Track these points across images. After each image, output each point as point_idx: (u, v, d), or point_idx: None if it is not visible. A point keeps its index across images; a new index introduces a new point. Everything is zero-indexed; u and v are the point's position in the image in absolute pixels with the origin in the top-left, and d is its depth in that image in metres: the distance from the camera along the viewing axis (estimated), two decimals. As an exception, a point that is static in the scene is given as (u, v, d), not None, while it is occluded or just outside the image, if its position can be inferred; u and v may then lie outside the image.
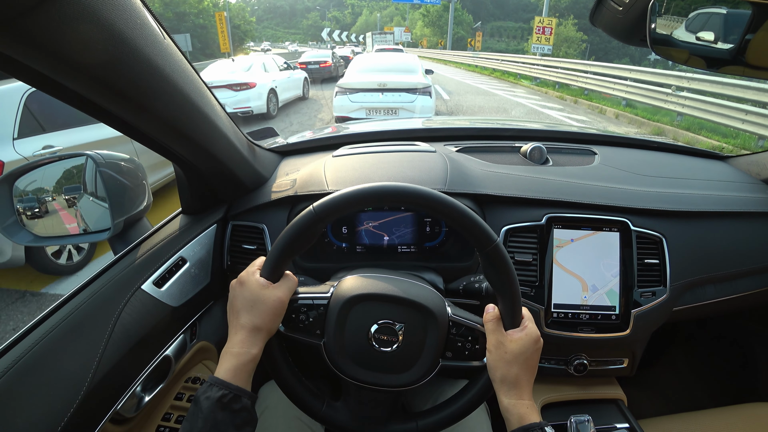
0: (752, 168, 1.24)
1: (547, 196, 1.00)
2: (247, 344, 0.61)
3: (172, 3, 31.67)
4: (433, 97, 6.45)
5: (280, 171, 1.15)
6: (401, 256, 1.03)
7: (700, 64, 0.79)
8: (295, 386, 0.69)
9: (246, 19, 46.46)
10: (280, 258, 0.64)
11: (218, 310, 1.06)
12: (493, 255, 0.63)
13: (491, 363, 0.65)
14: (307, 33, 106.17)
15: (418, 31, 55.77)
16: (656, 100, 9.22)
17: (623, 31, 0.81)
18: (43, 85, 0.54)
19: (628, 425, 1.01)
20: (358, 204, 0.63)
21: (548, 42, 18.54)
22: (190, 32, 27.73)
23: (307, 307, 0.67)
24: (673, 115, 8.73)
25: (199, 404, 0.56)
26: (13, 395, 0.60)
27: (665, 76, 9.27)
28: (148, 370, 0.79)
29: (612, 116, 10.12)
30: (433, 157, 1.08)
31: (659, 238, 0.99)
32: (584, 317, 0.98)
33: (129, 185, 0.94)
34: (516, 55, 22.80)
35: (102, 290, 0.76)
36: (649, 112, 9.56)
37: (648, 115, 9.31)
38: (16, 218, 0.91)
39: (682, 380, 1.57)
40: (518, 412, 0.62)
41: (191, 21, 32.89)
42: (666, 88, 8.99)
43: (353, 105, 6.39)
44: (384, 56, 8.26)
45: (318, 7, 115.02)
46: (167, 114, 0.67)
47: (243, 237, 1.03)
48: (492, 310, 0.68)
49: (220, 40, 25.35)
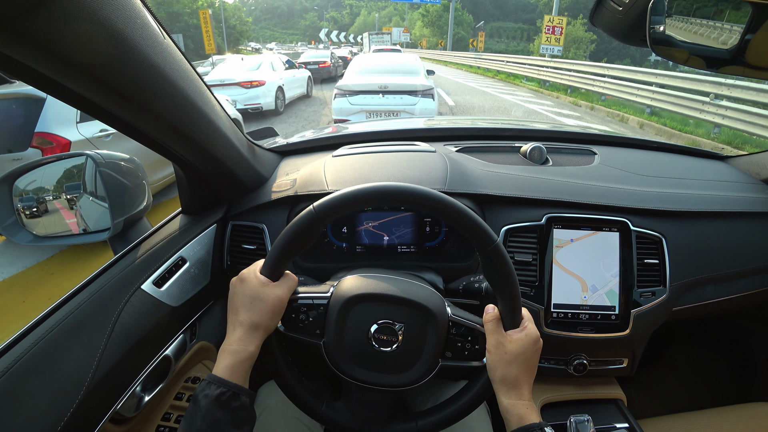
0: (752, 168, 1.24)
1: (546, 196, 1.00)
2: (245, 341, 0.61)
3: (165, 2, 31.21)
4: (435, 100, 6.18)
5: (280, 171, 1.15)
6: (401, 256, 1.03)
7: (700, 64, 0.79)
8: (295, 387, 0.69)
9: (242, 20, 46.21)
10: (280, 257, 0.64)
11: (218, 310, 1.06)
12: (493, 255, 0.63)
13: (491, 363, 0.65)
14: (305, 33, 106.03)
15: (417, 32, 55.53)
16: (688, 109, 8.20)
17: (623, 31, 0.81)
18: (43, 85, 0.54)
19: (627, 425, 1.00)
20: (358, 204, 0.63)
21: (558, 43, 17.22)
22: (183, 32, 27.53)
23: (306, 307, 0.67)
24: (709, 127, 7.78)
25: (198, 402, 0.56)
26: (13, 395, 0.60)
27: (699, 83, 8.12)
28: (147, 370, 0.79)
29: (635, 125, 9.21)
30: (433, 157, 1.08)
31: (659, 238, 0.99)
32: (584, 317, 0.98)
33: (129, 185, 0.94)
34: (523, 57, 21.60)
35: (102, 290, 0.76)
36: (678, 121, 8.59)
37: (678, 126, 8.39)
38: (16, 218, 0.91)
39: (681, 380, 1.57)
40: (518, 412, 0.62)
41: (184, 21, 32.62)
42: (698, 95, 7.94)
43: (353, 108, 6.15)
44: (384, 57, 7.95)
45: (316, 8, 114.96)
46: (167, 114, 0.67)
47: (243, 237, 1.03)
48: (492, 310, 0.68)
49: (204, 40, 23.59)
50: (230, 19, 41.54)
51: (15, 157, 3.33)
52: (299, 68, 11.86)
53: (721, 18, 0.75)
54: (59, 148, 3.35)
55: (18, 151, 3.34)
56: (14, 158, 3.33)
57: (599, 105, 11.14)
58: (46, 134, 3.36)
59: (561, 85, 14.08)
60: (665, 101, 8.94)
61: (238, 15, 45.26)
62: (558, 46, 17.26)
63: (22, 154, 3.33)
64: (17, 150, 3.35)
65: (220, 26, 37.49)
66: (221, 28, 37.56)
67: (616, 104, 10.88)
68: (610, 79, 11.31)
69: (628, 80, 10.59)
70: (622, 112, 10.04)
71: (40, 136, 3.35)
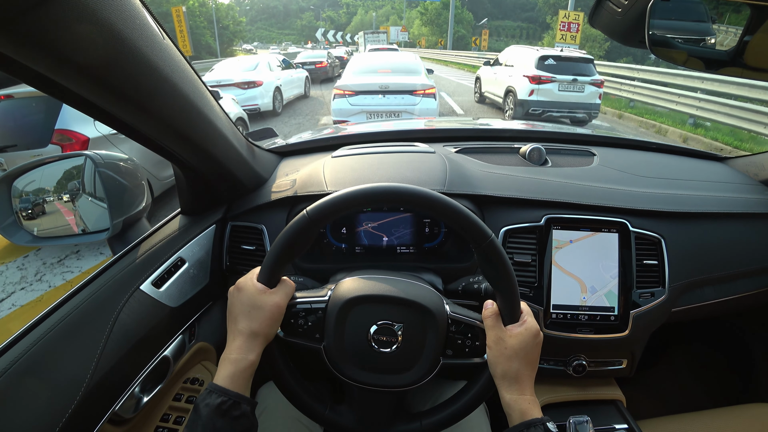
0: (750, 169, 1.25)
1: (546, 197, 1.00)
2: (245, 350, 0.61)
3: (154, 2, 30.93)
4: (437, 100, 6.09)
5: (279, 171, 1.15)
6: (400, 256, 1.03)
7: (699, 66, 0.79)
8: (297, 391, 0.69)
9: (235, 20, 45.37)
10: (276, 263, 0.64)
11: (217, 311, 1.06)
12: (488, 251, 0.63)
13: (491, 359, 0.65)
14: (301, 33, 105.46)
15: (416, 31, 54.99)
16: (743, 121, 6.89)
17: (622, 32, 0.81)
18: (43, 85, 0.53)
19: (627, 426, 1.01)
20: (351, 206, 0.63)
21: (574, 41, 15.35)
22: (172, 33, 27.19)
23: (305, 312, 0.67)
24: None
25: (199, 411, 0.56)
26: (11, 396, 0.60)
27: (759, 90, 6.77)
28: (146, 371, 0.79)
29: (677, 139, 7.86)
30: (433, 157, 1.08)
31: (658, 239, 0.99)
32: (583, 318, 0.98)
33: (128, 185, 0.94)
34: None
35: (101, 290, 0.76)
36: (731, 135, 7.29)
37: (734, 141, 7.09)
38: (14, 218, 0.91)
39: (681, 381, 1.57)
40: (520, 407, 0.62)
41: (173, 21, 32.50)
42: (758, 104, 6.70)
43: (353, 108, 6.00)
44: (384, 56, 7.81)
45: (312, 7, 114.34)
46: (166, 114, 0.67)
47: (242, 237, 1.03)
48: (491, 306, 0.68)
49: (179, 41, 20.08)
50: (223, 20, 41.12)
51: (35, 153, 3.40)
52: (297, 68, 11.84)
53: (722, 21, 0.76)
54: (78, 145, 3.48)
55: (38, 148, 3.43)
56: (34, 154, 3.36)
57: (628, 113, 9.82)
58: (65, 131, 3.47)
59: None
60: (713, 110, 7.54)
61: (231, 15, 44.71)
62: (574, 44, 15.21)
63: (42, 150, 3.42)
64: (38, 146, 3.44)
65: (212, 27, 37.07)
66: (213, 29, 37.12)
67: (649, 112, 9.52)
68: (640, 83, 10.07)
69: (663, 84, 9.23)
70: (657, 121, 8.68)
71: (59, 133, 3.46)
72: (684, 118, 8.45)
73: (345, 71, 6.92)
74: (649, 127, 8.76)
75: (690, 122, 8.38)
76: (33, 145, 3.47)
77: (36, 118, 3.55)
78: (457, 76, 21.02)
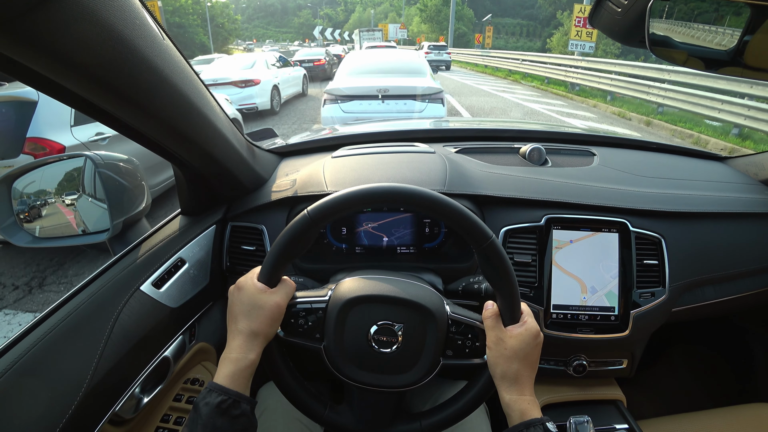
0: (750, 169, 1.25)
1: (546, 197, 1.00)
2: (245, 349, 0.61)
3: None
4: (445, 106, 5.03)
5: (279, 172, 1.15)
6: (401, 257, 1.03)
7: (699, 66, 0.79)
8: (297, 392, 0.69)
9: (230, 18, 44.85)
10: (276, 263, 0.64)
11: (217, 311, 1.06)
12: (489, 251, 0.63)
13: (491, 359, 0.65)
14: (298, 31, 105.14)
15: (415, 28, 54.48)
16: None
17: (622, 32, 0.81)
18: (42, 85, 0.53)
19: (627, 426, 1.01)
20: (352, 206, 0.63)
21: (590, 38, 14.03)
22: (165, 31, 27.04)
23: (305, 312, 0.67)
24: None
25: (199, 410, 0.56)
26: (12, 396, 0.60)
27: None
28: (146, 371, 0.79)
29: (720, 150, 6.50)
30: (433, 158, 1.08)
31: (658, 239, 0.99)
32: (583, 318, 0.98)
33: (128, 186, 0.94)
34: (541, 54, 19.21)
35: (101, 291, 0.76)
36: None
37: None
38: (14, 219, 0.90)
39: (681, 381, 1.57)
40: (519, 407, 0.62)
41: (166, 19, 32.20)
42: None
43: (346, 116, 4.92)
44: (382, 54, 6.84)
45: (310, 5, 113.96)
46: (166, 114, 0.67)
47: (242, 238, 1.03)
48: (491, 306, 0.68)
49: None
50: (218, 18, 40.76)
51: (6, 164, 3.11)
52: (295, 66, 11.77)
53: (722, 23, 0.76)
54: (53, 154, 3.18)
55: (9, 158, 3.15)
56: (5, 165, 3.08)
57: (657, 119, 8.67)
58: (38, 139, 3.21)
59: (596, 90, 11.65)
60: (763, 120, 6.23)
61: (226, 13, 44.28)
62: (590, 41, 14.13)
63: (13, 160, 3.14)
64: (8, 157, 3.16)
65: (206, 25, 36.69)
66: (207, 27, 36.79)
67: (683, 120, 8.31)
68: (670, 86, 8.78)
69: (698, 87, 7.93)
70: (695, 131, 7.57)
71: (32, 141, 3.19)
72: (728, 128, 7.29)
73: (337, 72, 5.80)
74: (685, 137, 7.66)
75: (734, 132, 7.15)
76: (2, 155, 3.17)
77: (5, 126, 3.25)
78: (460, 74, 20.82)
